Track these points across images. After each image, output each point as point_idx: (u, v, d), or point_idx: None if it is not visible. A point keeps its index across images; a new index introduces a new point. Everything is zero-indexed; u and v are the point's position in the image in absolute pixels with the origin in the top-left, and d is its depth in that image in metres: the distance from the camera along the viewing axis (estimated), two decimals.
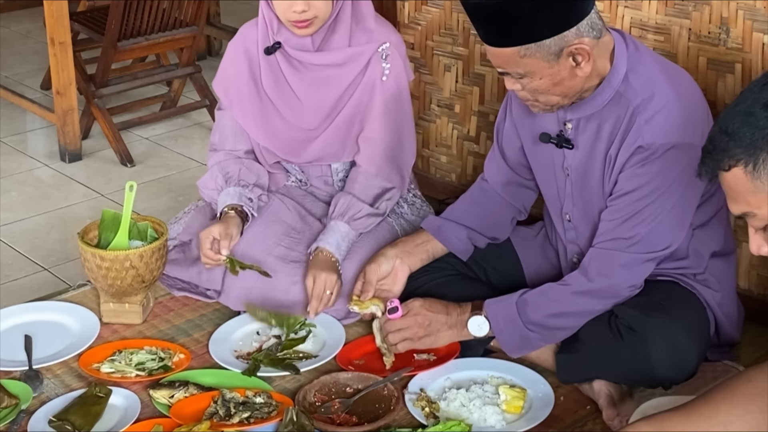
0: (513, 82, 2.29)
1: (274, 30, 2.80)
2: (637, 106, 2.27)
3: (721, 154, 1.59)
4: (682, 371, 2.31)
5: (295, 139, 2.89)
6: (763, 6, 2.57)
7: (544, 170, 2.53)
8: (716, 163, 1.61)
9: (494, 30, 2.22)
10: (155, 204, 3.71)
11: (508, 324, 2.40)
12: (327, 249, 2.71)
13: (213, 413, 2.31)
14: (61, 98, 4.09)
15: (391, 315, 2.53)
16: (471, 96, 3.31)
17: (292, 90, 2.85)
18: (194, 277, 2.85)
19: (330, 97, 2.83)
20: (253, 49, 2.86)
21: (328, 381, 2.47)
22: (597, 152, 2.36)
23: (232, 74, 2.89)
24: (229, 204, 2.77)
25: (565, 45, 2.19)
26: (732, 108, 1.61)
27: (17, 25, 6.00)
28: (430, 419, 2.32)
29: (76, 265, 3.18)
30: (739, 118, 1.57)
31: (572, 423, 2.36)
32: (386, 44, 2.82)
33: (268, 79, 2.85)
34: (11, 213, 3.73)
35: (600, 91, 2.31)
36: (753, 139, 1.55)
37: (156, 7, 4.16)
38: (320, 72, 2.82)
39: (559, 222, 2.56)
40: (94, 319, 2.76)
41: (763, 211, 1.58)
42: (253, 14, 2.88)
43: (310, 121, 2.86)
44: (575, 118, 2.38)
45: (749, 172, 1.56)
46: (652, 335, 2.28)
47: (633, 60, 2.30)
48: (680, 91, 2.29)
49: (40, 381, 2.51)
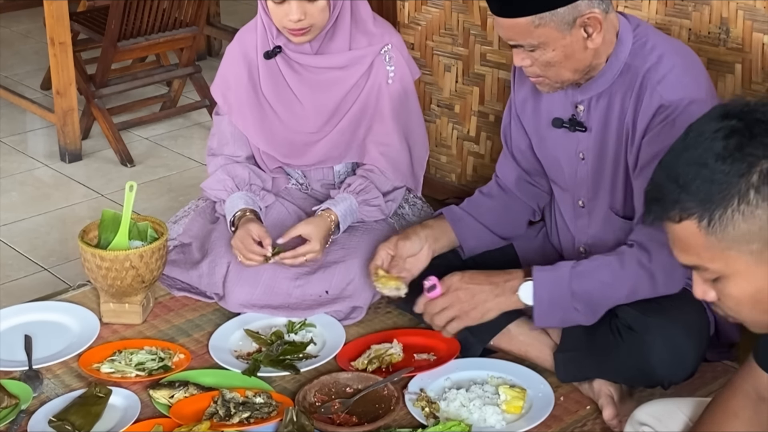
0: (523, 56, 2.28)
1: (273, 34, 2.80)
2: (647, 71, 2.28)
3: (671, 204, 1.51)
4: (681, 371, 2.31)
5: (296, 143, 2.89)
6: (763, 6, 2.57)
7: (555, 159, 2.51)
8: (665, 212, 1.53)
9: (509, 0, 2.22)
10: (155, 204, 3.71)
11: (554, 302, 2.32)
12: (335, 214, 2.73)
13: (213, 413, 2.31)
14: (61, 98, 4.09)
15: (431, 294, 2.39)
16: (471, 96, 3.31)
17: (293, 93, 2.84)
18: (194, 280, 2.85)
19: (332, 100, 2.83)
20: (252, 54, 2.85)
21: (328, 381, 2.47)
22: (611, 128, 2.36)
23: (230, 79, 2.88)
24: (243, 208, 2.78)
25: (578, 14, 2.20)
26: (680, 153, 1.53)
27: (17, 25, 6.00)
28: (430, 419, 2.32)
29: (76, 265, 3.18)
30: (692, 169, 1.49)
31: (572, 423, 2.36)
32: (388, 46, 2.82)
33: (268, 84, 2.85)
34: (11, 213, 3.73)
35: (609, 67, 2.32)
36: (709, 194, 1.47)
37: (156, 7, 4.16)
38: (322, 75, 2.82)
39: (570, 209, 2.55)
40: (94, 319, 2.76)
41: (714, 266, 1.51)
42: (253, 14, 2.87)
43: (312, 125, 2.86)
44: (586, 98, 2.38)
45: (703, 227, 1.49)
46: (652, 335, 2.28)
47: (638, 33, 2.32)
48: (685, 56, 2.32)
49: (40, 381, 2.51)
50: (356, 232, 2.84)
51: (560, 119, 2.44)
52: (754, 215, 1.46)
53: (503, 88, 3.21)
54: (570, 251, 2.59)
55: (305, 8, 2.66)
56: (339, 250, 2.81)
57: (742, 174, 1.45)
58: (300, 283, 2.75)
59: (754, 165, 1.45)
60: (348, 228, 2.83)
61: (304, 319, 2.72)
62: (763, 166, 1.45)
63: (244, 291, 2.75)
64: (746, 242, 1.48)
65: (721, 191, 1.47)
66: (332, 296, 2.75)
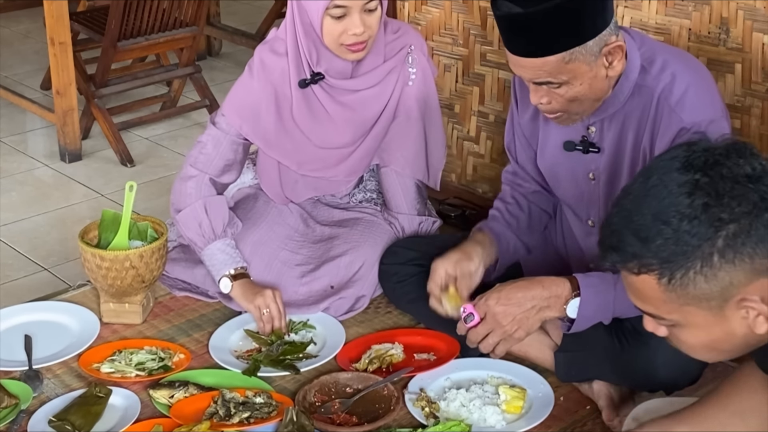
0: (543, 94, 2.21)
1: (313, 61, 2.67)
2: (662, 92, 2.24)
3: (630, 257, 1.48)
4: (685, 377, 2.31)
5: (328, 158, 2.82)
6: (763, 6, 2.57)
7: (564, 180, 2.47)
8: (623, 263, 1.50)
9: (538, 39, 2.12)
10: (155, 204, 3.70)
11: (594, 319, 2.29)
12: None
13: (213, 413, 2.31)
14: (61, 98, 4.09)
15: (470, 324, 2.34)
16: (471, 96, 3.31)
17: (328, 114, 2.75)
18: (198, 279, 2.84)
19: (367, 116, 2.77)
20: (279, 80, 2.71)
21: (328, 381, 2.47)
22: (625, 150, 2.32)
23: (260, 110, 2.72)
24: (237, 268, 2.69)
25: (604, 44, 2.15)
26: (641, 202, 1.48)
27: (17, 25, 5.99)
28: (430, 419, 2.32)
29: (76, 265, 3.18)
30: (655, 226, 1.45)
31: (572, 423, 2.36)
32: (411, 47, 2.76)
33: (302, 110, 2.73)
34: (11, 213, 3.73)
35: (619, 88, 2.27)
36: (672, 254, 1.44)
37: (156, 7, 4.16)
38: (357, 95, 2.74)
39: (580, 227, 2.52)
40: (94, 319, 2.76)
41: (672, 317, 1.51)
42: (253, 14, 2.86)
43: (345, 139, 2.79)
44: (598, 120, 2.33)
45: (663, 284, 1.47)
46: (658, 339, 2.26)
47: (644, 51, 2.28)
48: (696, 71, 2.28)
49: (40, 381, 2.51)
50: (357, 226, 2.84)
51: (572, 142, 2.38)
52: (716, 277, 1.44)
53: (503, 88, 3.21)
54: (578, 261, 2.56)
55: (365, 20, 2.57)
56: (342, 245, 2.81)
57: (708, 238, 1.43)
58: (306, 281, 2.77)
59: (720, 229, 1.43)
60: (350, 223, 2.84)
61: (306, 319, 2.72)
62: (729, 230, 1.43)
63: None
64: (706, 300, 1.47)
65: (684, 253, 1.44)
66: (337, 290, 2.77)
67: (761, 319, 1.47)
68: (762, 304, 1.46)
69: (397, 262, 2.71)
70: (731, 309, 1.47)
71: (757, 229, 1.43)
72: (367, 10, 2.57)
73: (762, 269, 1.44)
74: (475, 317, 2.33)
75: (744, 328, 1.49)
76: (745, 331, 1.49)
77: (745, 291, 1.45)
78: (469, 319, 2.34)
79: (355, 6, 2.55)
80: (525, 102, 2.47)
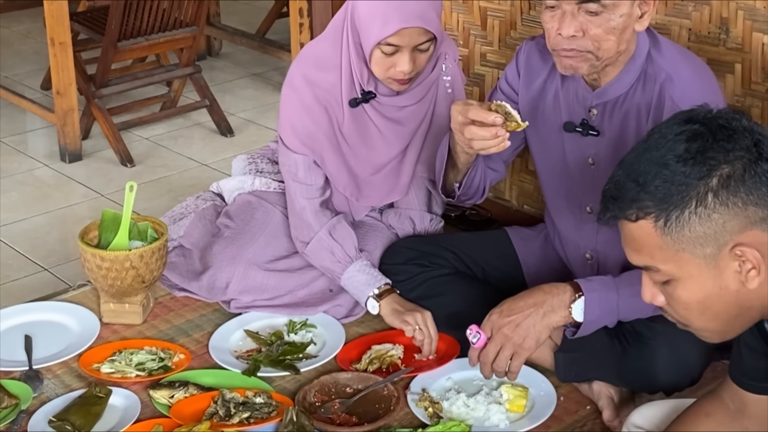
0: (578, 26, 2.18)
1: (364, 81, 2.65)
2: (664, 82, 2.27)
3: (629, 203, 1.53)
4: (685, 378, 2.31)
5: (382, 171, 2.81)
6: (763, 6, 2.57)
7: (559, 164, 2.48)
8: (622, 211, 1.55)
9: None
10: (155, 204, 3.70)
11: (600, 322, 2.30)
12: None
13: (213, 413, 2.31)
14: (61, 98, 4.09)
15: (477, 343, 2.32)
16: (471, 96, 3.30)
17: (379, 132, 2.73)
18: (194, 288, 2.82)
19: (411, 128, 2.76)
20: (327, 97, 2.67)
21: (328, 381, 2.47)
22: (627, 136, 2.33)
23: (316, 130, 2.69)
24: (381, 286, 2.64)
25: None
26: (642, 153, 1.55)
27: (17, 25, 6.00)
28: (433, 419, 2.32)
29: (76, 265, 3.18)
30: (653, 169, 1.51)
31: (572, 423, 2.36)
32: (445, 56, 2.72)
33: (352, 128, 2.70)
34: (11, 213, 3.73)
35: (626, 71, 2.30)
36: (667, 194, 1.49)
37: (156, 7, 4.16)
38: (405, 110, 2.73)
39: (576, 215, 2.51)
40: (94, 320, 2.76)
41: (667, 268, 1.53)
42: (253, 14, 2.86)
43: (393, 154, 2.78)
44: (601, 103, 2.35)
45: (659, 227, 1.51)
46: (659, 341, 2.28)
47: (652, 39, 2.32)
48: (698, 68, 2.32)
49: (40, 381, 2.51)
50: (358, 231, 2.84)
51: (572, 123, 2.40)
52: (710, 218, 1.49)
53: None
54: (575, 257, 2.57)
55: (415, 58, 2.54)
56: None
57: (702, 177, 1.48)
58: (305, 282, 2.78)
59: (714, 169, 1.48)
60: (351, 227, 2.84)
61: (305, 319, 2.72)
62: (723, 170, 1.48)
63: (249, 297, 2.75)
64: (700, 245, 1.50)
65: (679, 192, 1.49)
66: (336, 293, 2.77)
67: (753, 273, 1.50)
68: (755, 252, 1.49)
69: (397, 262, 2.71)
70: (725, 259, 1.50)
71: (751, 176, 1.48)
72: (419, 50, 2.54)
73: (755, 219, 1.49)
74: (482, 336, 2.31)
75: (737, 283, 1.51)
76: (738, 287, 1.51)
77: (738, 239, 1.49)
78: (476, 338, 2.32)
79: (408, 45, 2.52)
80: (528, 82, 2.49)
